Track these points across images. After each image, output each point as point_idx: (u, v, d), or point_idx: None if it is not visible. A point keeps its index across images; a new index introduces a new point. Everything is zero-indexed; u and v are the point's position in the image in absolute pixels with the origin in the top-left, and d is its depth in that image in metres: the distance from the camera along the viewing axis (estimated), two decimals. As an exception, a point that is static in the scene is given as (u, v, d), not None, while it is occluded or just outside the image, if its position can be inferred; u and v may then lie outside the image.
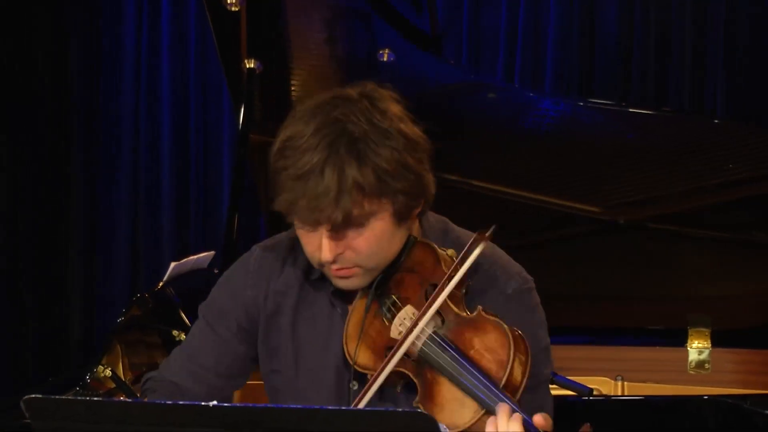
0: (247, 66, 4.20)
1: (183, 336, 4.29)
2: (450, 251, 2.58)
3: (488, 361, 2.44)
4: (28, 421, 2.23)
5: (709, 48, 6.15)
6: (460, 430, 2.41)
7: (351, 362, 2.57)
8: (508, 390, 2.42)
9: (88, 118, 6.58)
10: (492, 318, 2.49)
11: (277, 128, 2.58)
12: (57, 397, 2.30)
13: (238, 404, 2.26)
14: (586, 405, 3.81)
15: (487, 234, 2.53)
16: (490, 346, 2.46)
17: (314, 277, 2.68)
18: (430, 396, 2.47)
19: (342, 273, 2.55)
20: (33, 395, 2.21)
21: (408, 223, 2.57)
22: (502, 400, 2.37)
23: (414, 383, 2.50)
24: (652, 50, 6.17)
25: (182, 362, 2.77)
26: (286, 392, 2.70)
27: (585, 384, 3.94)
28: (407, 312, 2.55)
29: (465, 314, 2.52)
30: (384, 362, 2.50)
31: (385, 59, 4.18)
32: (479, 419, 2.40)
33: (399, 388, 2.55)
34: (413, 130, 2.53)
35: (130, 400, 3.61)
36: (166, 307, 4.36)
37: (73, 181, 6.58)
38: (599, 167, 4.33)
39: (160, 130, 6.57)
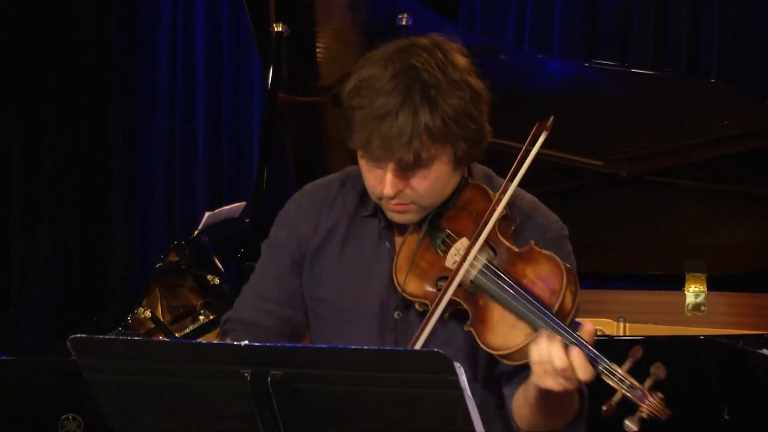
0: (276, 30, 4.18)
1: (217, 280, 4.31)
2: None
3: (541, 289, 2.42)
4: (74, 358, 2.23)
5: (704, 15, 6.11)
6: (512, 351, 2.39)
7: (399, 290, 2.55)
8: (560, 316, 2.38)
9: (128, 81, 6.59)
10: (544, 251, 2.47)
11: (302, 89, 2.59)
12: (100, 336, 2.30)
13: (265, 344, 2.26)
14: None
15: (548, 124, 2.56)
16: (543, 276, 2.44)
17: (365, 214, 2.67)
18: (482, 320, 2.45)
19: (399, 208, 2.54)
20: (78, 335, 2.21)
21: (463, 168, 2.58)
22: (556, 323, 2.35)
23: (462, 311, 2.49)
24: (651, 15, 6.13)
25: (251, 300, 2.76)
26: (330, 320, 2.69)
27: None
28: (462, 243, 2.53)
29: (516, 248, 2.50)
30: (443, 289, 2.47)
31: (403, 23, 4.15)
32: (532, 341, 2.37)
33: (447, 315, 2.52)
34: (478, 83, 2.53)
35: (167, 340, 3.62)
36: (201, 254, 4.37)
37: (115, 139, 6.58)
38: (602, 124, 4.31)
39: (194, 90, 6.56)
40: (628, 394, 2.31)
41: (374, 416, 2.12)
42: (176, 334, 3.96)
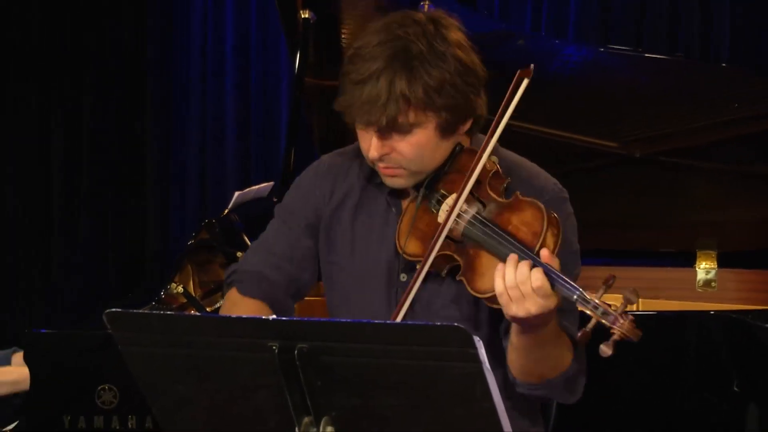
0: (302, 16, 4.18)
1: (246, 257, 4.31)
2: (494, 157, 2.59)
3: (524, 233, 2.44)
4: (110, 331, 2.24)
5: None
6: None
7: (401, 252, 2.58)
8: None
9: (162, 64, 6.59)
10: (528, 199, 2.49)
11: (328, 74, 2.61)
12: (134, 310, 2.30)
13: (292, 318, 2.27)
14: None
15: (529, 70, 2.58)
16: (526, 221, 2.46)
17: (376, 181, 2.70)
18: (471, 268, 2.48)
19: (388, 172, 2.58)
20: (113, 309, 2.22)
21: (454, 137, 2.59)
22: (536, 261, 2.37)
23: (457, 267, 2.51)
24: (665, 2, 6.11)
25: (262, 255, 2.77)
26: (342, 283, 2.72)
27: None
28: (452, 198, 2.55)
29: (504, 200, 2.52)
30: (431, 244, 2.51)
31: (425, 10, 4.13)
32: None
33: (444, 273, 2.55)
34: (469, 57, 2.55)
35: (199, 314, 3.63)
36: (230, 231, 4.37)
37: (150, 123, 6.59)
38: (617, 106, 4.30)
39: (224, 75, 6.56)
40: (602, 319, 2.33)
41: (396, 388, 2.12)
42: (207, 309, 3.97)
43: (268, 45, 6.54)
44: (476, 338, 2.04)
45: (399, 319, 2.53)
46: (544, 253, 2.38)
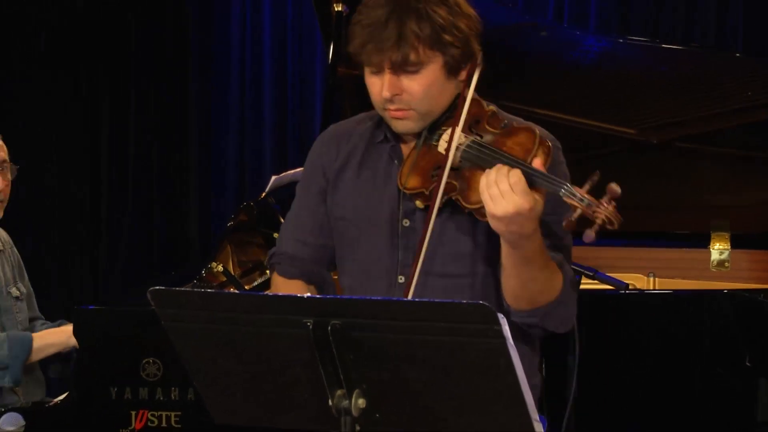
0: (336, 9, 4.17)
1: (283, 238, 4.32)
2: (492, 106, 2.60)
3: (517, 151, 2.46)
4: (154, 308, 2.25)
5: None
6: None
7: (401, 188, 2.59)
8: None
9: (202, 55, 6.60)
10: (523, 125, 2.54)
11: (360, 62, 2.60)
12: (177, 288, 2.31)
13: (326, 296, 2.28)
14: (622, 297, 3.80)
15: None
16: (520, 141, 2.48)
17: (377, 140, 2.72)
18: (466, 186, 2.50)
19: (399, 114, 2.59)
20: (157, 287, 2.23)
21: (456, 81, 2.60)
22: (527, 167, 2.40)
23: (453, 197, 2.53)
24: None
25: (290, 233, 2.81)
26: (348, 236, 2.72)
27: (622, 279, 3.94)
28: (449, 132, 2.56)
29: (500, 131, 2.55)
30: (435, 176, 2.52)
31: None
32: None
33: (440, 203, 2.55)
34: (467, 8, 2.59)
35: (238, 292, 3.64)
36: (268, 214, 4.38)
37: (191, 111, 6.60)
38: (635, 95, 4.28)
39: (262, 65, 6.56)
40: (587, 209, 2.34)
41: (423, 362, 2.13)
42: (245, 287, 3.98)
43: (304, 36, 6.54)
44: (500, 315, 2.04)
45: (419, 263, 2.53)
46: (536, 161, 2.40)
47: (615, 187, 2.35)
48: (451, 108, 2.61)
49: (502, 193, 2.35)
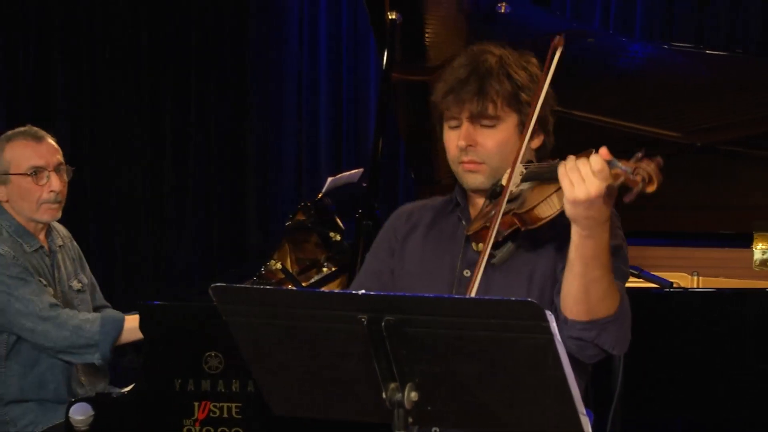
0: (390, 17, 4.17)
1: (338, 237, 4.33)
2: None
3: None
4: (216, 303, 2.26)
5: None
6: (544, 200, 2.45)
7: (467, 233, 2.61)
8: None
9: (262, 62, 6.63)
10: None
11: (413, 69, 2.66)
12: (237, 285, 2.32)
13: (380, 293, 2.28)
14: (667, 295, 3.78)
15: (562, 37, 2.56)
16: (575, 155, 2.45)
17: (448, 209, 2.75)
18: (523, 203, 2.50)
19: (471, 167, 2.62)
20: (219, 284, 2.24)
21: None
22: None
23: (516, 230, 2.52)
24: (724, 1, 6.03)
25: (358, 284, 2.79)
26: (408, 283, 2.71)
27: (666, 278, 3.91)
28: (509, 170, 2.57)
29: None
30: (497, 207, 2.51)
31: (502, 11, 4.12)
32: (558, 188, 2.39)
33: (501, 238, 2.55)
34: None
35: (295, 289, 3.65)
36: (324, 214, 4.39)
37: (251, 116, 6.64)
38: (679, 99, 4.25)
39: (318, 71, 6.59)
40: (630, 174, 2.30)
41: (474, 357, 2.12)
42: (303, 284, 3.99)
43: (359, 43, 6.56)
44: (548, 312, 2.03)
45: (476, 283, 2.52)
46: (602, 150, 2.36)
47: (659, 159, 2.34)
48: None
49: (583, 177, 2.31)
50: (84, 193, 6.24)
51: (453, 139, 2.63)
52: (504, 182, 2.56)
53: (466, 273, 2.63)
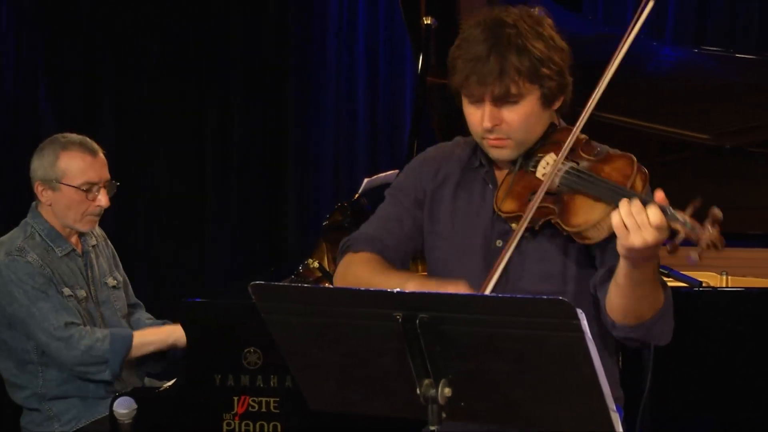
0: (425, 22, 4.18)
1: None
2: (583, 135, 2.59)
3: (615, 177, 2.45)
4: (255, 301, 2.27)
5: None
6: (591, 224, 2.43)
7: (497, 211, 2.59)
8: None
9: (302, 64, 6.64)
10: (619, 152, 2.53)
11: (448, 73, 2.62)
12: (276, 283, 2.33)
13: (414, 291, 2.28)
14: (696, 295, 3.75)
15: None
16: (617, 167, 2.47)
17: (474, 165, 2.72)
18: (566, 210, 2.48)
19: (496, 143, 2.59)
20: (258, 282, 2.25)
21: (550, 111, 2.61)
22: (629, 194, 2.36)
23: (549, 221, 2.52)
24: (756, 5, 5.97)
25: (375, 224, 2.80)
26: (443, 253, 2.71)
27: (696, 277, 3.89)
28: (550, 157, 2.56)
29: (594, 156, 2.54)
30: (530, 200, 2.51)
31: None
32: (608, 214, 2.37)
33: (538, 226, 2.55)
34: (560, 41, 2.60)
35: (332, 287, 3.65)
36: (361, 214, 4.38)
37: (290, 118, 6.65)
38: (708, 102, 4.23)
39: (356, 75, 6.59)
40: (690, 233, 2.29)
41: (506, 354, 2.12)
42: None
43: (395, 47, 6.55)
44: (579, 310, 2.03)
45: (496, 275, 2.52)
46: (659, 195, 2.34)
47: (717, 212, 2.31)
48: (545, 135, 2.62)
49: (640, 225, 2.29)
50: (127, 193, 6.27)
51: (475, 114, 2.59)
52: (538, 170, 2.55)
53: (498, 243, 2.62)
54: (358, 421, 2.74)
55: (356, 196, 4.54)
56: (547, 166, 2.55)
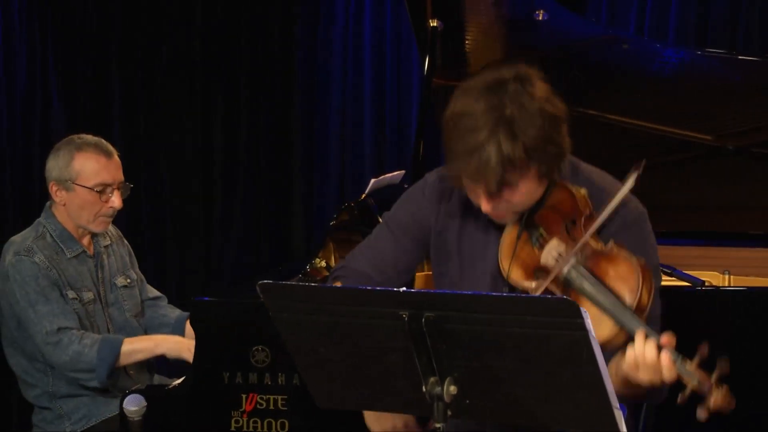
0: (431, 24, 4.18)
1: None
2: (582, 190, 2.56)
3: (621, 289, 2.41)
4: (263, 299, 2.27)
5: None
6: (601, 343, 2.34)
7: (504, 275, 2.56)
8: (638, 311, 2.38)
9: (308, 67, 6.64)
10: (623, 252, 2.47)
11: (453, 75, 2.60)
12: (283, 282, 2.33)
13: (420, 290, 2.28)
14: (699, 293, 3.75)
15: (640, 169, 2.49)
16: (623, 276, 2.42)
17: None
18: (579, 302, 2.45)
19: (496, 216, 2.57)
20: (266, 281, 2.25)
21: (549, 178, 2.56)
22: (635, 321, 2.35)
23: None
24: (758, 3, 5.96)
25: (368, 257, 2.78)
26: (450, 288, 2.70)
27: (698, 277, 3.89)
28: (554, 244, 2.52)
29: (600, 247, 2.49)
30: (539, 283, 2.48)
31: (540, 18, 4.10)
32: (615, 335, 2.36)
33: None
34: (555, 106, 2.48)
35: (339, 286, 3.65)
36: (367, 214, 4.39)
37: (296, 119, 6.65)
38: (711, 103, 4.22)
39: (363, 76, 6.59)
40: (698, 386, 2.30)
41: (511, 352, 2.12)
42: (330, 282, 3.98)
43: (401, 49, 6.55)
44: (583, 309, 2.03)
45: None
46: (665, 339, 2.34)
47: (724, 364, 2.32)
48: (545, 195, 2.57)
49: (648, 365, 2.32)
50: (137, 194, 6.28)
51: (473, 192, 2.53)
52: (543, 254, 2.53)
53: (506, 291, 2.60)
54: (364, 418, 2.75)
55: (363, 196, 4.54)
56: (550, 253, 2.52)
